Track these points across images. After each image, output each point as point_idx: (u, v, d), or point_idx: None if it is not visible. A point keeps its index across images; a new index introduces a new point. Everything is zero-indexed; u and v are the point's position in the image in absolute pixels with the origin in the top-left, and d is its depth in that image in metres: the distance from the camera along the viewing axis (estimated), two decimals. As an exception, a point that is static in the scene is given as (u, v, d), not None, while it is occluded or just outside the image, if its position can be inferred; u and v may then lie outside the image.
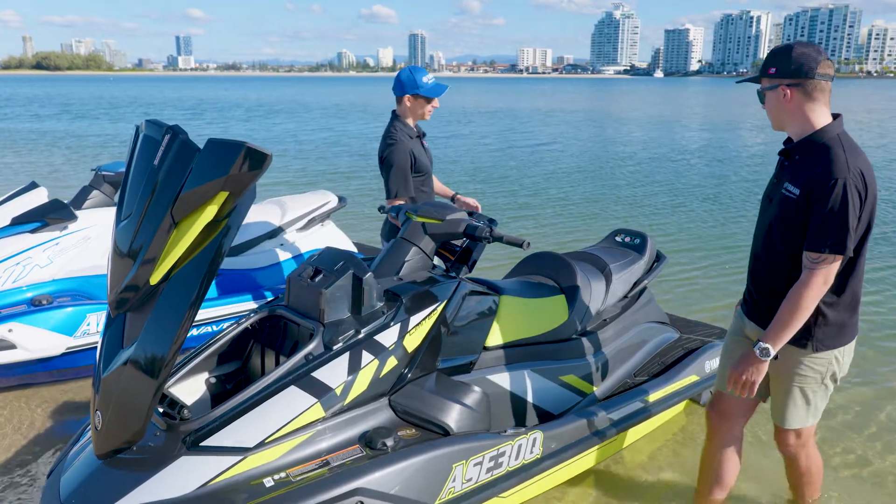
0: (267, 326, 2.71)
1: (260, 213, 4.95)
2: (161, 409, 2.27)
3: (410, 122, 3.81)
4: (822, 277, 2.18)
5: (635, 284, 3.74)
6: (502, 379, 2.94)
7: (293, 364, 2.33)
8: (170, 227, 1.91)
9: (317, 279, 2.51)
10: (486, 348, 2.90)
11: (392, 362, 2.45)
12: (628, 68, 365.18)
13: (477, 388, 2.62)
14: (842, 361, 2.45)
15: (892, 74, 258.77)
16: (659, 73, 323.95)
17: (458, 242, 2.95)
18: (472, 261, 2.89)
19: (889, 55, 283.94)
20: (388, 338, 2.46)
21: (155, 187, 1.93)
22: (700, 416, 3.83)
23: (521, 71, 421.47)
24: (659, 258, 4.00)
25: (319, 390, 2.28)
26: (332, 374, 2.32)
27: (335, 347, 2.38)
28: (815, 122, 2.28)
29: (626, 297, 3.72)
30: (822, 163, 2.19)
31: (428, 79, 3.75)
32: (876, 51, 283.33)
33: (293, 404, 2.24)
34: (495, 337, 2.93)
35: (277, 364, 2.61)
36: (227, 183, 1.87)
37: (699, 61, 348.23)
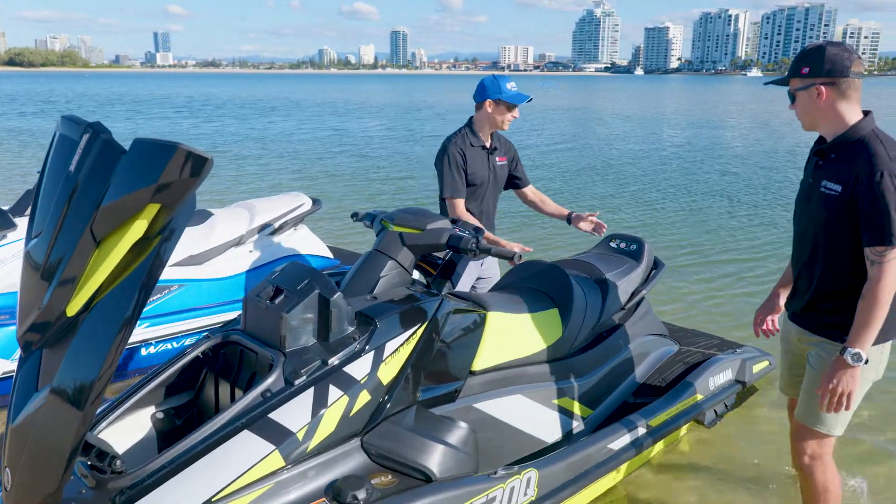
0: (221, 354, 2.37)
1: (227, 218, 4.60)
2: (88, 462, 1.92)
3: (485, 131, 3.71)
4: (893, 269, 2.16)
5: (633, 294, 3.44)
6: (491, 407, 2.62)
7: (247, 403, 1.99)
8: (90, 247, 1.56)
9: (277, 300, 2.18)
10: (472, 373, 2.59)
11: (365, 397, 2.12)
12: (609, 66, 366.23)
13: (463, 424, 2.30)
14: (879, 361, 2.40)
15: (865, 73, 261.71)
16: (639, 71, 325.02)
17: (440, 255, 2.63)
18: (457, 275, 2.57)
19: (863, 54, 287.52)
20: (359, 369, 2.13)
21: (71, 197, 1.58)
22: (703, 435, 3.54)
23: (503, 68, 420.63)
24: (657, 265, 3.71)
25: (278, 435, 1.94)
26: (294, 414, 1.98)
27: (297, 382, 2.04)
28: (848, 119, 2.28)
29: (623, 308, 3.42)
30: (862, 158, 2.19)
31: (511, 86, 3.64)
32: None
33: (246, 453, 1.90)
34: (483, 360, 2.62)
35: (233, 399, 2.27)
36: (158, 193, 1.53)
37: (679, 59, 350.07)
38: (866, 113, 2.31)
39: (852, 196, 2.19)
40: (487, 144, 3.73)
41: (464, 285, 3.65)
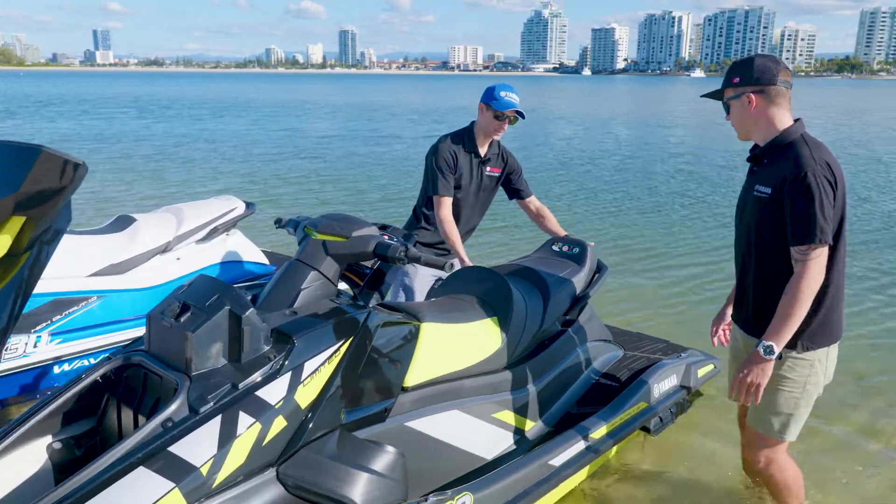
0: (124, 377, 2.14)
1: (151, 224, 4.31)
2: None
3: (481, 137, 3.64)
4: (815, 267, 2.20)
5: (576, 300, 3.33)
6: (425, 425, 2.46)
7: (145, 435, 1.78)
8: None
9: (183, 318, 1.97)
10: (404, 389, 2.42)
11: (280, 424, 1.93)
12: (557, 66, 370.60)
13: (390, 449, 2.13)
14: (826, 365, 2.43)
15: (803, 73, 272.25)
16: (587, 72, 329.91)
17: (368, 264, 2.45)
18: (386, 285, 2.40)
19: (800, 55, 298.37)
20: (274, 392, 1.94)
21: None
22: (648, 442, 3.46)
23: (452, 68, 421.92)
24: (600, 268, 3.61)
25: (178, 470, 1.74)
26: (198, 446, 1.78)
27: (203, 409, 1.84)
28: (778, 125, 2.36)
29: (565, 314, 3.31)
30: (789, 160, 2.26)
31: (506, 95, 3.52)
32: (788, 51, 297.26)
33: (143, 492, 1.69)
34: (416, 374, 2.45)
35: (136, 426, 2.05)
36: (22, 203, 1.32)
37: (625, 59, 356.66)
38: (796, 120, 2.38)
39: (780, 197, 2.26)
40: (482, 152, 3.65)
41: (423, 285, 3.54)
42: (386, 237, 2.47)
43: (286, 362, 1.99)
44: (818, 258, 2.20)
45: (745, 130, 2.45)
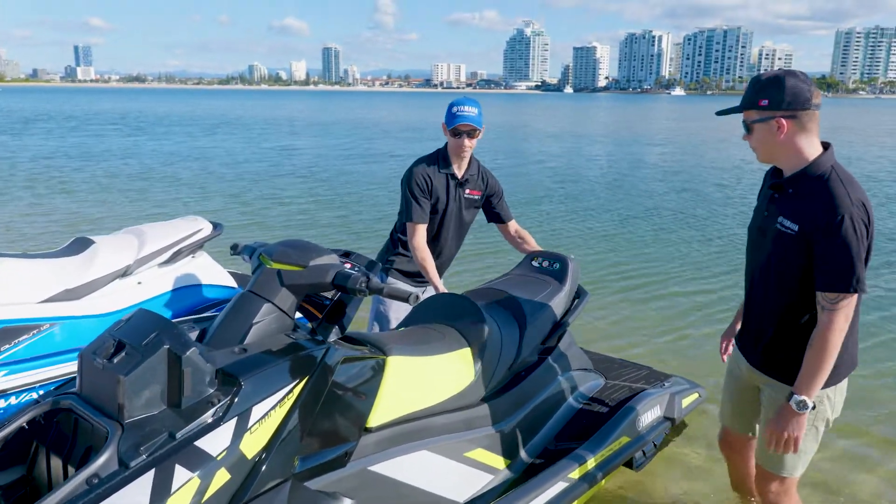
0: (55, 422, 1.94)
1: (110, 246, 4.09)
2: None
3: (453, 158, 3.49)
4: (843, 316, 2.10)
5: (555, 325, 3.17)
6: (390, 468, 2.27)
7: (68, 493, 1.58)
8: None
9: (116, 359, 1.78)
10: (367, 430, 2.24)
11: (222, 477, 1.74)
12: (539, 84, 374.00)
13: (347, 501, 1.94)
14: (833, 401, 2.36)
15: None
16: (569, 89, 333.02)
17: (327, 294, 2.28)
18: (347, 318, 2.22)
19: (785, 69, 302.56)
20: (216, 441, 1.75)
21: None
22: (630, 478, 3.29)
23: (435, 85, 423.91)
24: (580, 294, 3.45)
25: (104, 536, 1.54)
26: (127, 506, 1.58)
27: (134, 463, 1.64)
28: (808, 154, 2.19)
29: (544, 342, 3.15)
30: (822, 198, 2.11)
31: (458, 109, 3.35)
32: (766, 69, 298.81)
33: (60, 562, 1.49)
34: (381, 414, 2.27)
35: (66, 477, 1.85)
36: None
37: (606, 78, 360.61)
38: (826, 146, 2.21)
39: (809, 237, 2.12)
40: (459, 174, 3.50)
41: (400, 312, 3.41)
42: (348, 265, 2.30)
43: (231, 407, 1.80)
44: (847, 307, 2.10)
45: (770, 155, 2.28)
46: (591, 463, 2.82)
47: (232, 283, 4.67)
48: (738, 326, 2.66)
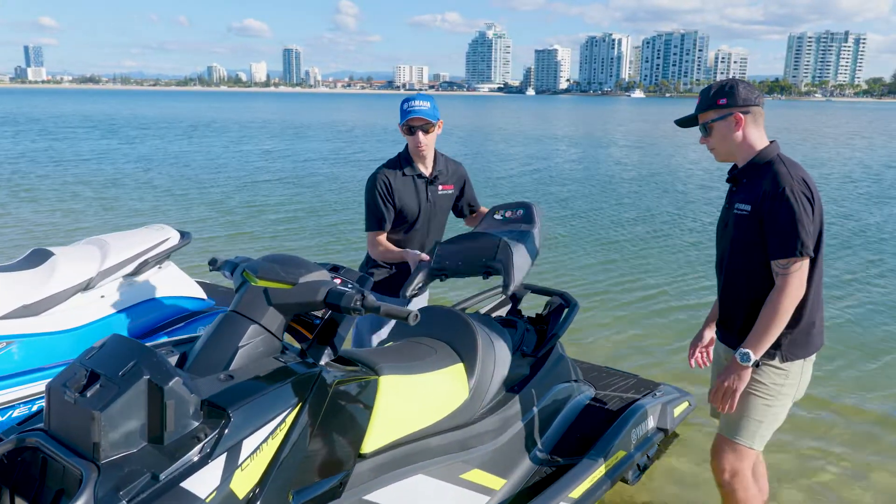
0: (19, 461, 1.75)
1: (71, 258, 3.86)
2: None
3: (415, 157, 3.35)
4: (796, 280, 2.27)
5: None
6: (385, 496, 2.14)
7: (37, 547, 1.41)
8: None
9: (90, 392, 1.60)
10: (361, 456, 2.09)
11: None
12: (502, 86, 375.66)
13: None
14: (801, 376, 2.46)
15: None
16: (531, 91, 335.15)
17: (318, 313, 2.12)
18: (339, 338, 2.07)
19: (733, 77, 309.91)
20: (204, 482, 1.59)
21: None
22: (625, 493, 3.20)
23: (398, 87, 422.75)
24: (570, 303, 3.35)
25: None
26: (105, 561, 1.42)
27: None
28: (758, 145, 2.44)
29: (534, 355, 3.05)
30: (767, 178, 2.34)
31: (409, 105, 3.23)
32: (722, 73, 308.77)
33: None
34: (375, 439, 2.13)
35: (33, 526, 1.67)
36: None
37: (567, 80, 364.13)
38: (772, 141, 2.47)
39: (759, 213, 2.32)
40: (426, 173, 3.35)
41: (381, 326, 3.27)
42: (338, 281, 2.15)
43: (219, 443, 1.64)
44: (798, 271, 2.27)
45: (728, 151, 2.49)
46: (588, 481, 2.72)
47: (201, 294, 4.47)
48: (707, 332, 2.80)
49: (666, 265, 7.80)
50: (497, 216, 3.18)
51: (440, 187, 3.41)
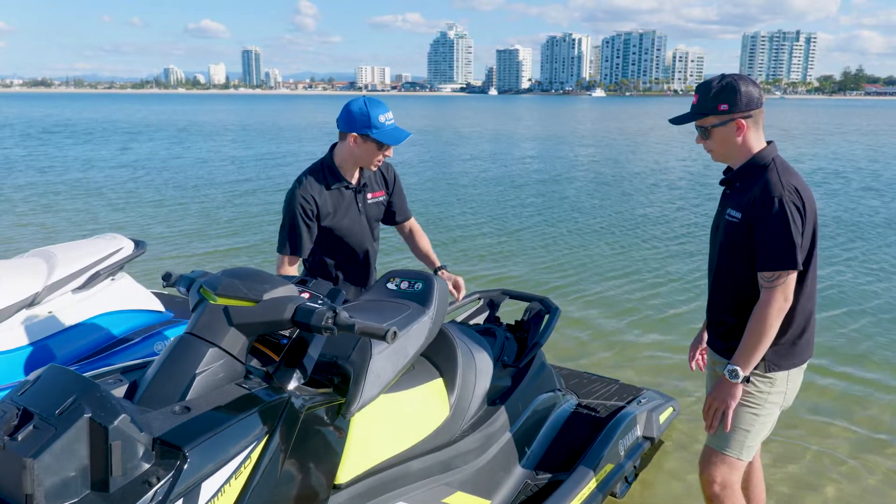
0: (-59, 514, 1.52)
1: (14, 272, 3.58)
2: None
3: (348, 167, 3.00)
4: (781, 294, 2.21)
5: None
6: None
7: None
8: None
9: (21, 435, 1.39)
10: (336, 487, 1.91)
11: None
12: (465, 86, 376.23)
13: None
14: (788, 385, 2.39)
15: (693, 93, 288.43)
16: (493, 91, 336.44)
17: (286, 332, 1.93)
18: (309, 359, 1.88)
19: (691, 76, 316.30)
20: None
21: None
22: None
23: (360, 88, 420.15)
24: (550, 310, 3.21)
25: None
26: None
27: None
28: (755, 148, 2.35)
29: (516, 365, 2.89)
30: (758, 185, 2.27)
31: (386, 118, 2.87)
32: (680, 71, 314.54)
33: None
34: (351, 467, 1.95)
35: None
36: None
37: (529, 80, 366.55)
38: (769, 143, 2.37)
39: (749, 222, 2.26)
40: (354, 181, 3.04)
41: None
42: (307, 296, 1.96)
43: (174, 487, 1.44)
44: (783, 285, 2.21)
45: (727, 155, 2.40)
46: (578, 499, 2.57)
47: (158, 306, 4.21)
48: (706, 334, 2.68)
49: (636, 261, 7.74)
50: (391, 284, 2.53)
51: (369, 196, 3.11)
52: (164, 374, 1.68)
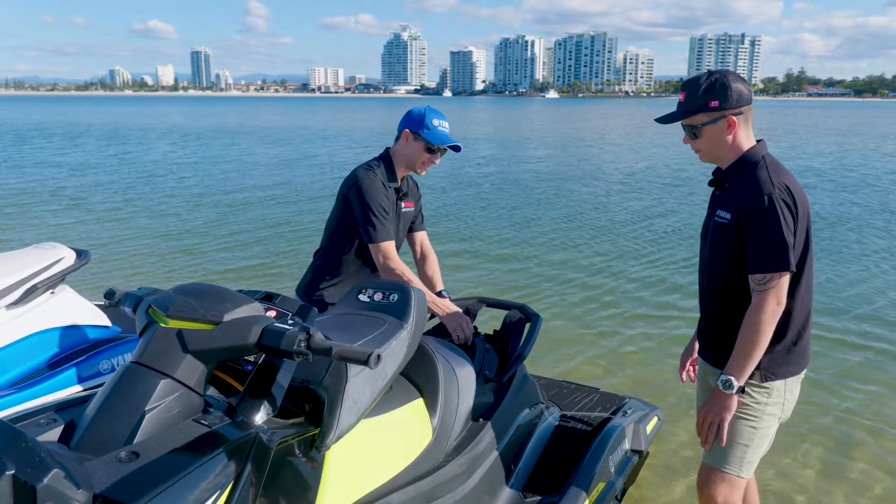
0: None
1: (-61, 287, 3.25)
2: None
3: (401, 169, 3.05)
4: (773, 298, 2.11)
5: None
6: None
7: None
8: None
9: None
10: (312, 529, 1.67)
11: None
12: (419, 88, 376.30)
13: None
14: (785, 395, 2.27)
15: (644, 94, 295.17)
16: (448, 93, 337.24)
17: (250, 358, 1.68)
18: (279, 387, 1.64)
19: (641, 77, 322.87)
20: None
21: None
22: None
23: (313, 90, 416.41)
24: (531, 318, 3.02)
25: None
26: None
27: None
28: (744, 146, 2.26)
29: (498, 379, 2.70)
30: (747, 184, 2.18)
31: (440, 123, 2.99)
32: (630, 73, 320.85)
33: None
34: (327, 502, 1.72)
35: None
36: None
37: (483, 81, 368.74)
38: (759, 141, 2.29)
39: (739, 223, 2.17)
40: (398, 185, 3.04)
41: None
42: (273, 314, 1.72)
43: None
44: (776, 288, 2.10)
45: (717, 155, 2.29)
46: (571, 523, 2.39)
47: (104, 320, 3.88)
48: (696, 344, 2.56)
49: (608, 261, 7.66)
50: (363, 296, 2.24)
51: (404, 204, 3.12)
52: (108, 412, 1.42)
